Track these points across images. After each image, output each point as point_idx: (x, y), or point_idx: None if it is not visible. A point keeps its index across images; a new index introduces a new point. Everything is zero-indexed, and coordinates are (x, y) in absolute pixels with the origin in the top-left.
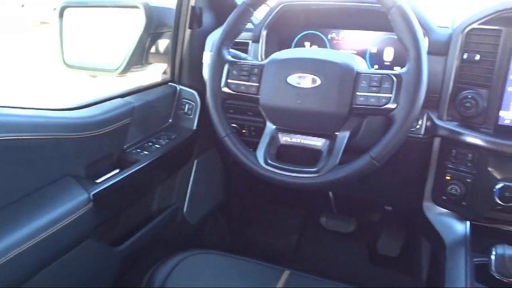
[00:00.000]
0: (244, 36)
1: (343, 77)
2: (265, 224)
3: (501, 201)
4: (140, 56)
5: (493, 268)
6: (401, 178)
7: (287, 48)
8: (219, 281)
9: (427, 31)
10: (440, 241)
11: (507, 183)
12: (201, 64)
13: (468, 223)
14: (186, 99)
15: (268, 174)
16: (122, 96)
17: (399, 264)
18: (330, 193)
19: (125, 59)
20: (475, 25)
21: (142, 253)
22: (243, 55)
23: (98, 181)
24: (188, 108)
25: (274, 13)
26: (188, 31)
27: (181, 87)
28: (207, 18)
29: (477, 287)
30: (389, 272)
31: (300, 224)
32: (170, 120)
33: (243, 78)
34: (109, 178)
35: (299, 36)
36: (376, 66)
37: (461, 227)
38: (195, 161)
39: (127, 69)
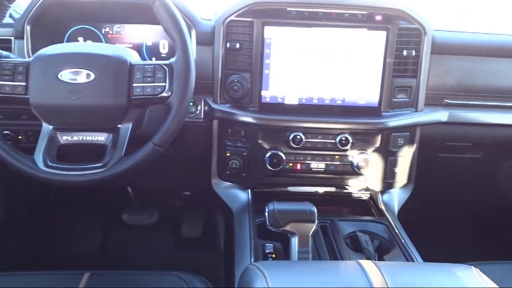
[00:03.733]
0: (4, 32)
1: (117, 70)
2: (65, 233)
3: (271, 167)
4: None
5: (267, 223)
6: (191, 161)
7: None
8: None
9: (193, 23)
10: (230, 211)
11: (273, 151)
12: None
13: (249, 191)
14: None
15: (51, 177)
16: None
17: (203, 243)
18: (129, 189)
19: None
20: (232, 17)
21: None
22: (4, 53)
23: None
24: None
25: (37, 6)
26: None
27: None
28: None
29: (258, 243)
30: (194, 252)
31: (102, 225)
32: None
33: (6, 78)
34: None
35: (70, 31)
36: (153, 59)
37: (244, 196)
38: None
39: None
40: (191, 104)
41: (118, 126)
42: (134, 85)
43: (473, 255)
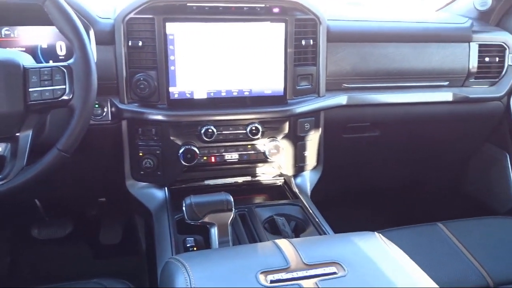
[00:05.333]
0: None
1: (9, 75)
2: None
3: (185, 163)
4: None
5: (186, 217)
6: (102, 165)
7: None
8: None
9: (90, 22)
10: (148, 211)
11: (186, 147)
12: None
13: (166, 189)
14: None
15: None
16: None
17: (124, 248)
18: (37, 201)
19: None
20: (132, 15)
21: None
22: None
23: None
24: None
25: None
26: None
27: None
28: None
29: (179, 238)
30: (116, 258)
31: (10, 244)
32: None
33: None
34: None
35: None
36: (51, 61)
37: (161, 194)
38: None
39: None
40: (97, 106)
41: (17, 134)
42: (30, 89)
43: (379, 224)
